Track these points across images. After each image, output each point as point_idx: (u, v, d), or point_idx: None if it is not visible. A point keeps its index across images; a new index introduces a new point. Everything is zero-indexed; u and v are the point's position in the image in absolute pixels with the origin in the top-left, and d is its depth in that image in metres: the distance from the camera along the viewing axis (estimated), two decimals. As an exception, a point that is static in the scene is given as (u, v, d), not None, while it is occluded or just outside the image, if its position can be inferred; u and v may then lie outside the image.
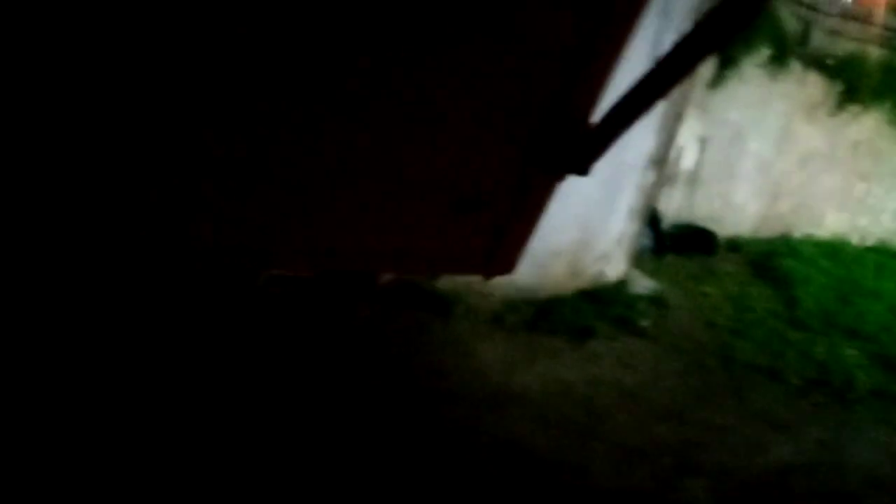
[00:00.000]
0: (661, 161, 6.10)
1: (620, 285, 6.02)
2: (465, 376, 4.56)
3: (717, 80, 7.50)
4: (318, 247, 2.24)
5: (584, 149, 2.11)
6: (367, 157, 2.00)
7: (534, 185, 2.27)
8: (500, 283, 5.51)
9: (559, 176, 2.25)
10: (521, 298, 5.60)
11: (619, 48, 1.94)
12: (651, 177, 5.98)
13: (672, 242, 7.48)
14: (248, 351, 4.21)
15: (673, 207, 7.80)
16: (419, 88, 1.88)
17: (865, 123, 9.10)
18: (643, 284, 6.27)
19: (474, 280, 5.46)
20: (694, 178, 7.82)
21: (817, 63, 8.36)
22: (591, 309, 5.66)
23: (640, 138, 5.66)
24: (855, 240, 9.61)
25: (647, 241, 7.08)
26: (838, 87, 8.66)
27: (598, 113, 2.08)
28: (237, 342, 4.25)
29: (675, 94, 5.73)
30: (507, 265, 2.55)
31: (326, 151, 1.95)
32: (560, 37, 1.89)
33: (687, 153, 7.63)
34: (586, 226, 5.66)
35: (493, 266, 2.56)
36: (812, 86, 8.50)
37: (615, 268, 6.04)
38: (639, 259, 6.55)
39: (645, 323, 5.75)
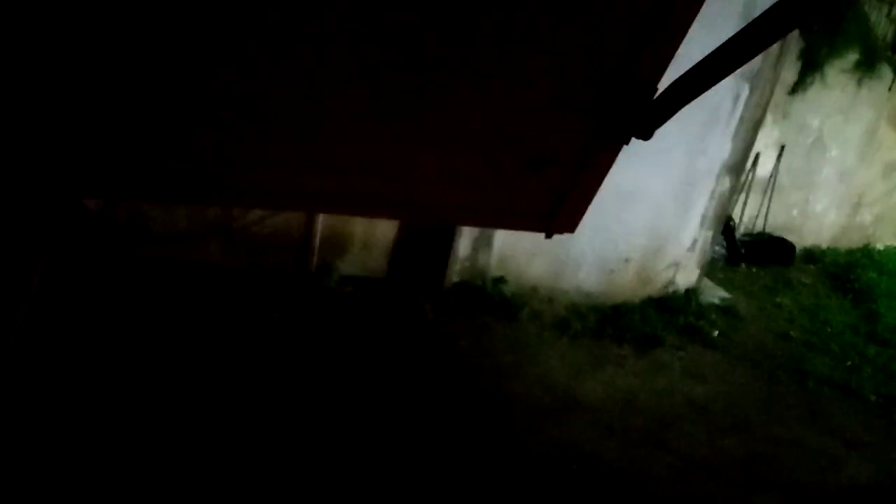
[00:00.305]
0: (737, 168, 5.95)
1: (691, 294, 5.90)
2: (529, 381, 4.57)
3: (798, 86, 7.26)
4: (404, 197, 2.51)
5: (649, 115, 2.19)
6: (447, 118, 2.20)
7: (599, 147, 2.37)
8: (566, 288, 5.53)
9: (624, 139, 2.33)
10: (588, 304, 5.57)
11: (688, 18, 2.00)
12: (726, 184, 5.85)
13: (747, 252, 7.27)
14: (319, 349, 4.33)
15: (748, 216, 7.59)
16: (495, 52, 2.02)
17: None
18: (715, 294, 6.14)
19: (540, 285, 5.48)
20: (771, 186, 7.59)
21: (909, 68, 7.99)
22: (660, 317, 5.58)
23: (715, 144, 5.56)
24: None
25: (720, 249, 6.92)
26: (931, 93, 8.25)
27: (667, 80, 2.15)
28: (308, 339, 4.38)
29: (753, 99, 5.59)
30: (570, 224, 2.70)
31: (415, 112, 2.17)
32: (632, 4, 1.95)
33: (764, 160, 7.42)
34: (657, 233, 5.59)
35: (556, 224, 2.71)
36: (901, 92, 8.13)
37: (686, 276, 5.92)
38: (711, 268, 6.41)
39: (715, 333, 5.62)
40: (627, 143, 2.34)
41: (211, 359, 3.98)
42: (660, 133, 5.27)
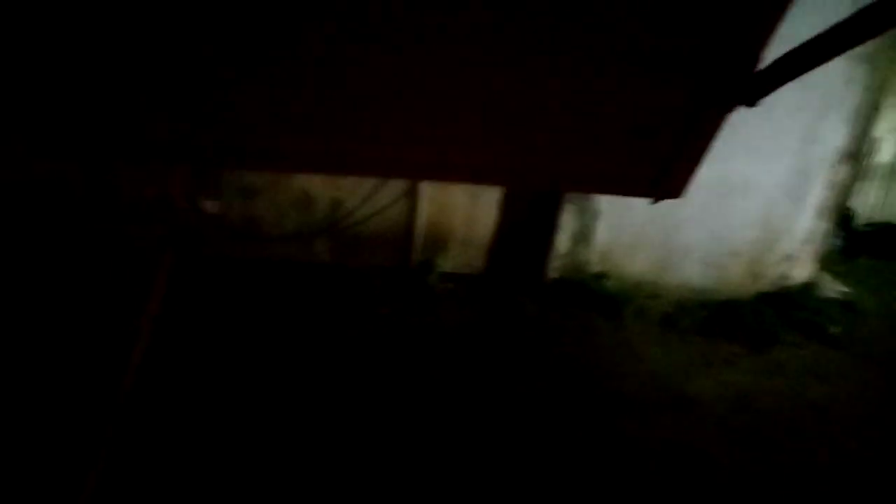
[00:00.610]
0: (855, 155, 5.59)
1: (807, 289, 5.59)
2: (636, 379, 4.46)
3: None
4: (509, 164, 2.63)
5: (752, 84, 2.22)
6: (553, 87, 2.30)
7: (705, 115, 2.42)
8: (672, 283, 5.36)
9: (729, 108, 2.37)
10: (695, 300, 5.37)
11: None
12: (843, 172, 5.51)
13: (866, 243, 6.84)
14: (424, 343, 4.37)
15: (868, 205, 7.14)
16: (598, 20, 2.10)
17: None
18: (833, 288, 5.79)
19: (644, 280, 5.33)
20: (893, 173, 7.11)
21: None
22: (774, 313, 5.31)
23: (830, 130, 5.25)
24: None
25: (837, 241, 6.54)
26: None
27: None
28: (413, 334, 4.43)
29: (870, 82, 5.24)
30: (675, 191, 2.75)
31: (522, 80, 2.28)
32: None
33: (885, 146, 6.95)
34: (770, 224, 5.33)
35: (662, 190, 2.76)
36: None
37: (801, 270, 5.62)
38: (829, 261, 6.06)
39: (835, 330, 5.30)
40: (731, 111, 2.36)
41: (326, 350, 4.10)
42: (771, 120, 5.02)
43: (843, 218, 6.41)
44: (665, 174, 2.64)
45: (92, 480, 2.92)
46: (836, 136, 5.34)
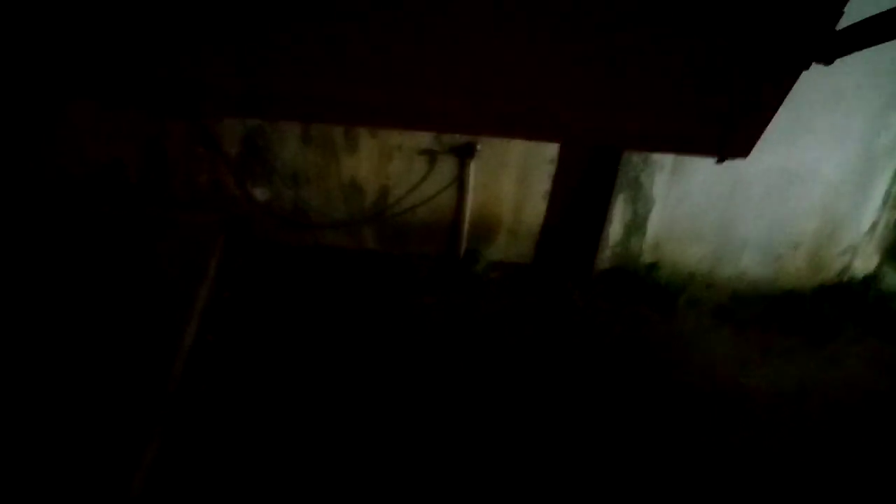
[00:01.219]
0: (927, 141, 5.33)
1: (870, 281, 5.37)
2: (689, 372, 4.37)
3: None
4: (574, 120, 2.65)
5: (831, 43, 2.18)
6: (621, 42, 2.31)
7: (779, 71, 2.37)
8: (728, 274, 5.21)
9: (805, 65, 2.32)
10: (752, 292, 5.22)
11: None
12: (912, 160, 5.26)
13: (937, 235, 6.52)
14: (470, 334, 4.37)
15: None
16: None
17: None
18: (898, 282, 5.55)
19: (698, 271, 5.20)
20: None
21: None
22: (834, 306, 5.12)
23: (901, 116, 5.02)
24: None
25: (905, 232, 6.26)
26: None
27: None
28: (458, 323, 4.44)
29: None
30: (744, 148, 2.72)
31: (594, 34, 2.31)
32: None
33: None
34: (833, 214, 5.12)
35: (729, 148, 2.74)
36: None
37: (865, 262, 5.40)
38: (893, 253, 5.80)
39: (897, 324, 5.09)
40: (808, 67, 2.30)
41: (370, 337, 4.15)
42: (839, 105, 4.81)
43: (911, 208, 6.13)
44: (733, 131, 2.62)
45: (148, 457, 3.01)
46: (908, 121, 5.10)
